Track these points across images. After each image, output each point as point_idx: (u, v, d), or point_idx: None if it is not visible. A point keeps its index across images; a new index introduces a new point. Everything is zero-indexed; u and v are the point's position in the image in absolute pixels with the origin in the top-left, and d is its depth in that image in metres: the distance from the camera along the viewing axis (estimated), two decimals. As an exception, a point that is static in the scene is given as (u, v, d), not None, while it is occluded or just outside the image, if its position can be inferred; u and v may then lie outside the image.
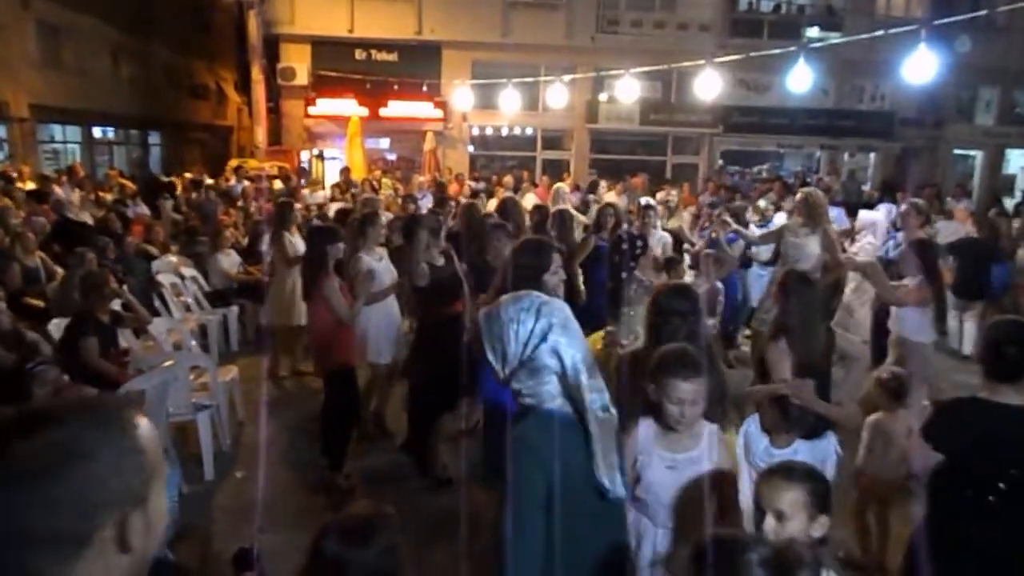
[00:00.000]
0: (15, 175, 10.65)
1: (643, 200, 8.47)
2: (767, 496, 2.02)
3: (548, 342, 1.83)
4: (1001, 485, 2.53)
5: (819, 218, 6.15)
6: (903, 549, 3.03)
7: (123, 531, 0.98)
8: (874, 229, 8.32)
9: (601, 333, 3.88)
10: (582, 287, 5.86)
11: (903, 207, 7.06)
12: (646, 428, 2.54)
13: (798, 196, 6.55)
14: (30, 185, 10.49)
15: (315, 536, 1.78)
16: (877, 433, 3.88)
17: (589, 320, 5.72)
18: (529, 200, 11.42)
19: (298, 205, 9.77)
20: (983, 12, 10.56)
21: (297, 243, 6.54)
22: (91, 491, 0.95)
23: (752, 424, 3.18)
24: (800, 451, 3.00)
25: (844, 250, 7.44)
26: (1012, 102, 19.13)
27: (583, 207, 10.77)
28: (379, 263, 5.25)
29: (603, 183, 10.76)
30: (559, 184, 10.41)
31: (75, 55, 16.21)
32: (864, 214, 8.90)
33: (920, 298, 4.82)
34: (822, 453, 3.04)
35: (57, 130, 16.67)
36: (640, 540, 2.54)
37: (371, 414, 5.51)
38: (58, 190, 10.14)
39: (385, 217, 7.14)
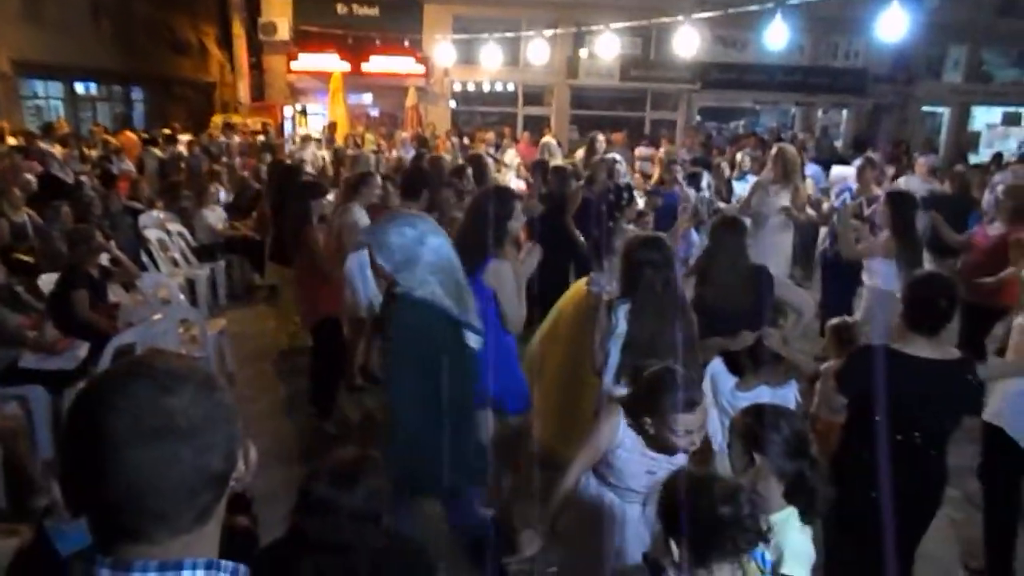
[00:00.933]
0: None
1: (610, 155, 8.62)
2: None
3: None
4: (898, 436, 2.56)
5: (792, 174, 6.27)
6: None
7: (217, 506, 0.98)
8: (847, 183, 8.63)
9: (585, 279, 4.03)
10: (580, 238, 5.99)
11: (857, 162, 7.36)
12: (626, 429, 2.43)
13: (773, 151, 6.61)
14: (13, 141, 10.61)
15: (304, 480, 1.84)
16: (828, 379, 3.99)
17: (581, 270, 6.09)
18: (510, 156, 11.73)
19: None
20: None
21: None
22: (196, 468, 0.92)
23: (719, 363, 3.23)
24: (763, 396, 3.10)
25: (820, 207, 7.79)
26: (979, 60, 19.44)
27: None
28: (364, 218, 5.37)
29: (601, 137, 10.80)
30: (547, 139, 10.52)
31: (56, 10, 16.10)
32: (837, 170, 9.25)
33: (885, 251, 4.84)
34: (782, 400, 3.16)
35: (39, 86, 16.65)
36: (622, 524, 2.53)
37: (359, 366, 5.72)
38: (45, 147, 10.31)
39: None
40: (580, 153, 11.91)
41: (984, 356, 3.93)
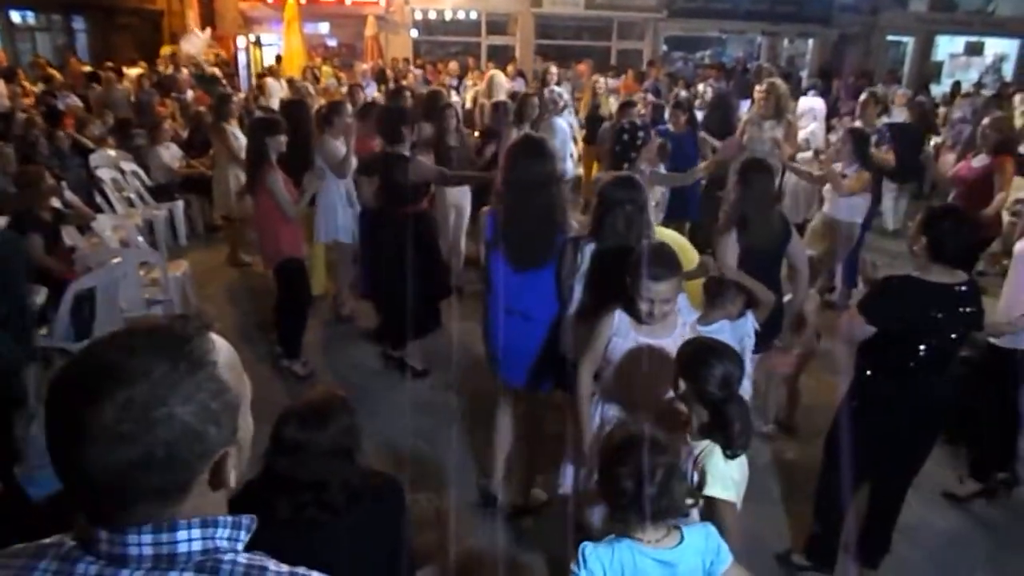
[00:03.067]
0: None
1: (549, 90, 8.43)
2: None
3: None
4: (922, 348, 2.80)
5: (784, 110, 6.23)
6: (826, 412, 3.33)
7: (219, 472, 0.94)
8: (814, 115, 8.66)
9: None
10: None
11: (863, 97, 7.27)
12: (621, 316, 2.62)
13: (763, 87, 6.47)
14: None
15: (275, 423, 1.86)
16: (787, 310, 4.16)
17: None
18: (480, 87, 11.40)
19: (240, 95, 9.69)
20: None
21: (239, 135, 6.47)
22: (184, 448, 0.88)
23: (681, 298, 3.31)
24: (724, 329, 3.22)
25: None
26: (944, -13, 19.41)
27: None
28: (339, 149, 5.32)
29: (554, 70, 10.62)
30: (494, 72, 10.27)
31: (-17, -70, 15.03)
32: (803, 100, 9.26)
33: (862, 186, 5.20)
34: (741, 331, 3.29)
35: (-29, 15, 15.67)
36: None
37: (332, 298, 5.79)
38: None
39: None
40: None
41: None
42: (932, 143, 9.42)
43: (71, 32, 19.39)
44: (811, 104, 8.89)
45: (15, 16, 16.99)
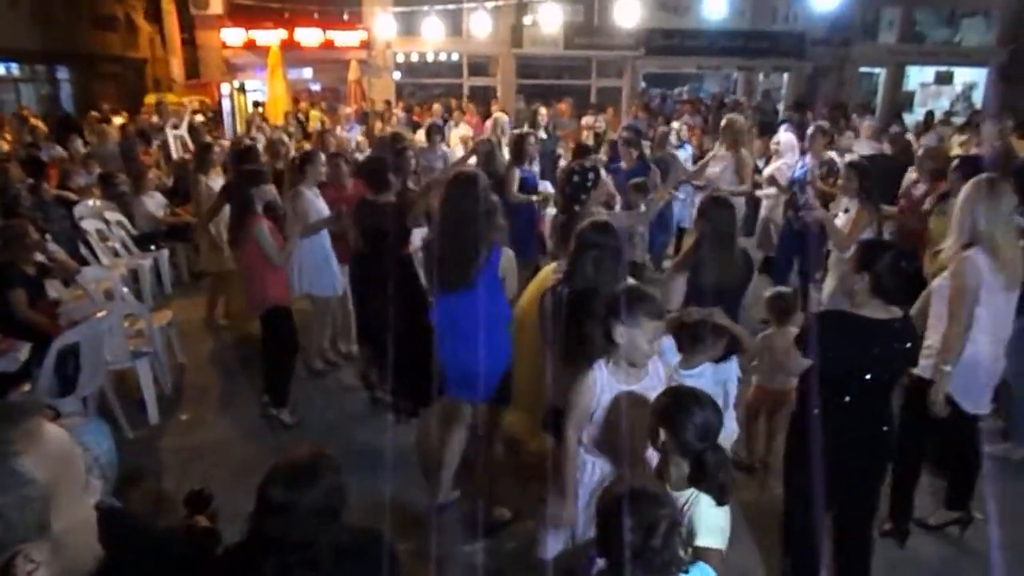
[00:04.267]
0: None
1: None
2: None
3: None
4: (858, 382, 2.77)
5: (740, 144, 6.43)
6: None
7: (15, 571, 0.89)
8: (788, 148, 8.73)
9: (553, 266, 3.98)
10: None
11: (809, 129, 7.49)
12: (601, 370, 2.58)
13: (722, 122, 6.70)
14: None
15: (261, 482, 1.83)
16: (764, 347, 4.11)
17: (522, 251, 6.11)
18: (463, 131, 11.59)
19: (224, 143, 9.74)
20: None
21: (216, 186, 6.42)
22: None
23: (667, 341, 3.24)
24: (706, 373, 3.21)
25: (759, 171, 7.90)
26: (912, 20, 19.97)
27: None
28: (317, 199, 5.38)
29: (543, 111, 10.73)
30: (499, 114, 10.35)
31: (-33, -14, 15.20)
32: (784, 136, 9.36)
33: (859, 230, 4.90)
34: (725, 375, 3.29)
35: (-45, 68, 15.77)
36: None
37: (317, 349, 5.73)
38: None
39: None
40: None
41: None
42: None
43: (55, 82, 19.53)
44: (780, 138, 8.98)
45: (-1, 68, 17.12)
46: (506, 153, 7.06)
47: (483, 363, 3.36)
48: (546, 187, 7.31)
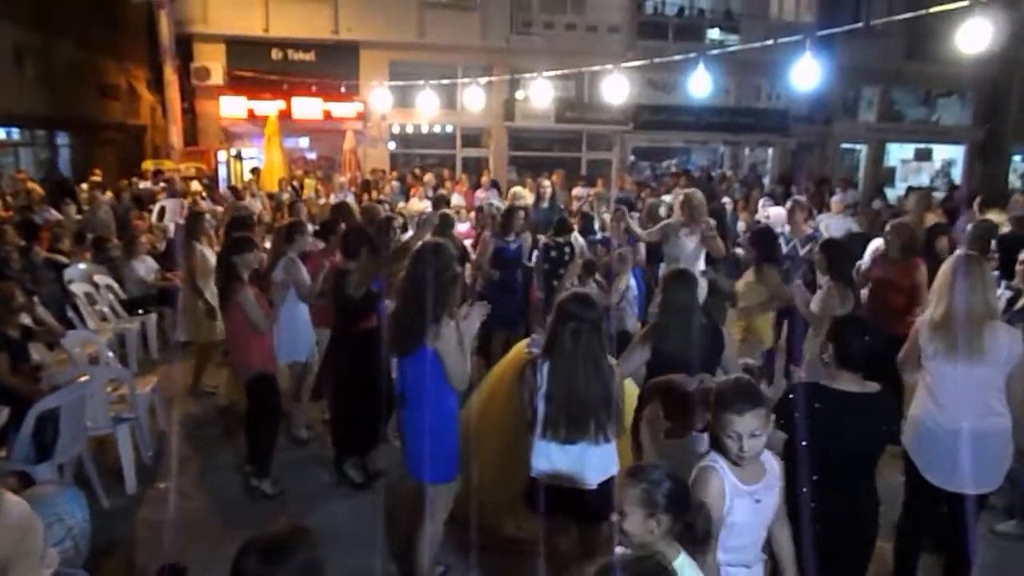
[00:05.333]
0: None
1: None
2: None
3: None
4: (833, 456, 2.78)
5: (698, 217, 6.46)
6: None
7: None
8: (780, 223, 8.77)
9: (526, 340, 4.08)
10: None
11: (788, 204, 7.63)
12: (723, 473, 2.45)
13: (680, 197, 6.82)
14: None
15: (236, 555, 1.83)
16: None
17: (503, 323, 6.10)
18: (455, 200, 11.76)
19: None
20: (860, 24, 11.57)
21: (209, 254, 6.46)
22: None
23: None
24: (695, 441, 3.23)
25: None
26: (890, 100, 20.74)
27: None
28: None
29: (546, 183, 10.70)
30: (516, 188, 10.22)
31: (-27, 54, 15.60)
32: (774, 210, 9.50)
33: (830, 306, 4.83)
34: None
35: (-44, 132, 16.02)
36: None
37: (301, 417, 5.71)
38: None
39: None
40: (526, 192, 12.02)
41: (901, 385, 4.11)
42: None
43: (55, 147, 19.82)
44: (770, 212, 9.19)
45: (0, 133, 17.40)
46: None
47: (428, 435, 3.33)
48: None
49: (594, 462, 3.08)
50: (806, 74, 7.83)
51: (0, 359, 4.56)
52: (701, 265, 6.52)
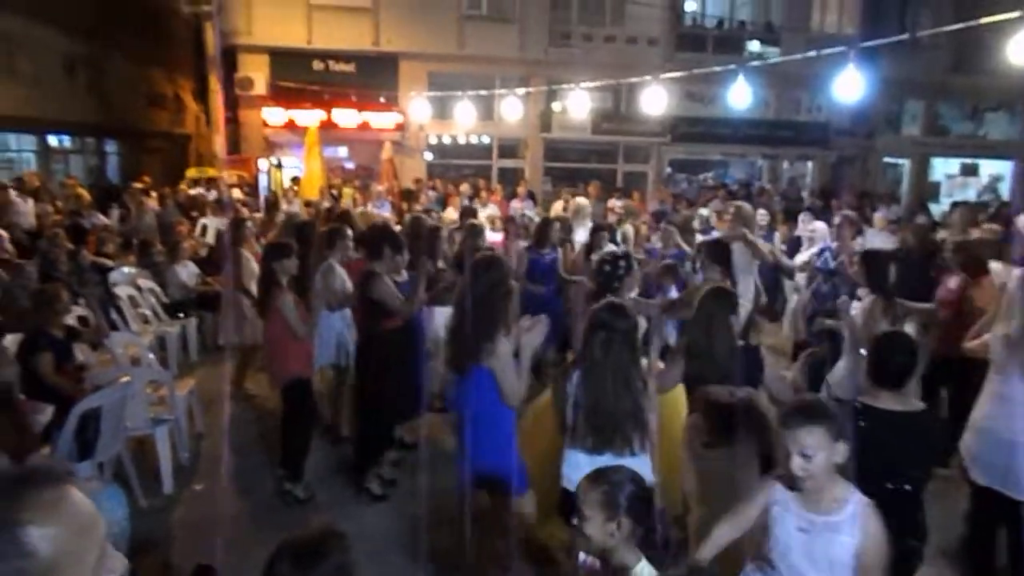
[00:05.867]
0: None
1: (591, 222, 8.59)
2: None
3: None
4: (888, 485, 2.69)
5: (751, 229, 6.44)
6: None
7: None
8: (818, 237, 8.55)
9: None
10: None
11: (836, 219, 7.45)
12: (777, 486, 2.43)
13: (731, 210, 6.81)
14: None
15: (269, 558, 1.83)
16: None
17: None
18: (491, 211, 11.80)
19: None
20: (906, 36, 11.37)
21: (252, 261, 6.58)
22: None
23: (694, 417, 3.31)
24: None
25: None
26: (936, 114, 20.28)
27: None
28: (344, 273, 5.47)
29: (584, 201, 10.62)
30: (580, 199, 10.08)
31: (29, 64, 16.17)
32: (818, 223, 9.29)
33: (873, 321, 4.79)
34: None
35: (12, 139, 16.62)
36: None
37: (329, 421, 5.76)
38: (16, 198, 10.26)
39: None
40: (559, 205, 12.05)
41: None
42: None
43: (103, 154, 20.44)
44: (815, 225, 8.92)
45: (52, 140, 17.98)
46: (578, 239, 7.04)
47: (486, 450, 3.32)
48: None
49: None
50: (849, 86, 7.72)
51: (44, 358, 4.66)
52: (751, 281, 6.41)
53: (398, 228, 6.44)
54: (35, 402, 4.51)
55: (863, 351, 4.50)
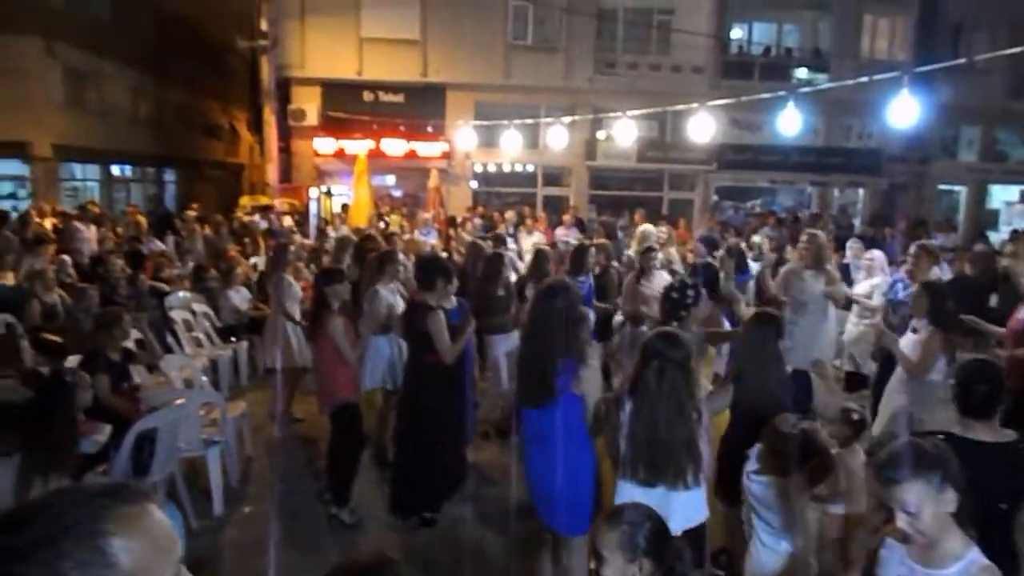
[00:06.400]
0: (35, 213, 11.17)
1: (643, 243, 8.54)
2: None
3: None
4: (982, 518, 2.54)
5: (823, 260, 6.28)
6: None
7: None
8: (878, 266, 8.28)
9: None
10: None
11: (913, 249, 7.14)
12: (892, 549, 2.18)
13: (804, 238, 6.58)
14: (49, 223, 11.01)
15: None
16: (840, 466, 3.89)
17: None
18: (536, 238, 11.84)
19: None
20: (963, 60, 11.10)
21: (296, 286, 6.73)
22: None
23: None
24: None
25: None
26: (993, 139, 19.72)
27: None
28: (393, 297, 5.57)
29: (651, 228, 10.58)
30: (647, 226, 10.13)
31: (97, 97, 16.98)
32: (876, 252, 8.95)
33: (931, 354, 4.61)
34: None
35: (78, 168, 17.38)
36: None
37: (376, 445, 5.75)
38: (79, 225, 10.70)
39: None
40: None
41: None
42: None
43: (162, 183, 21.24)
44: (874, 254, 8.57)
45: (115, 169, 18.76)
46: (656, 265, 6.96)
47: (561, 487, 3.24)
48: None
49: (678, 508, 2.94)
50: (903, 112, 7.54)
51: (102, 380, 4.78)
52: (832, 310, 6.28)
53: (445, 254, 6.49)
54: (94, 422, 4.64)
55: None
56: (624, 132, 12.73)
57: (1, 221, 9.83)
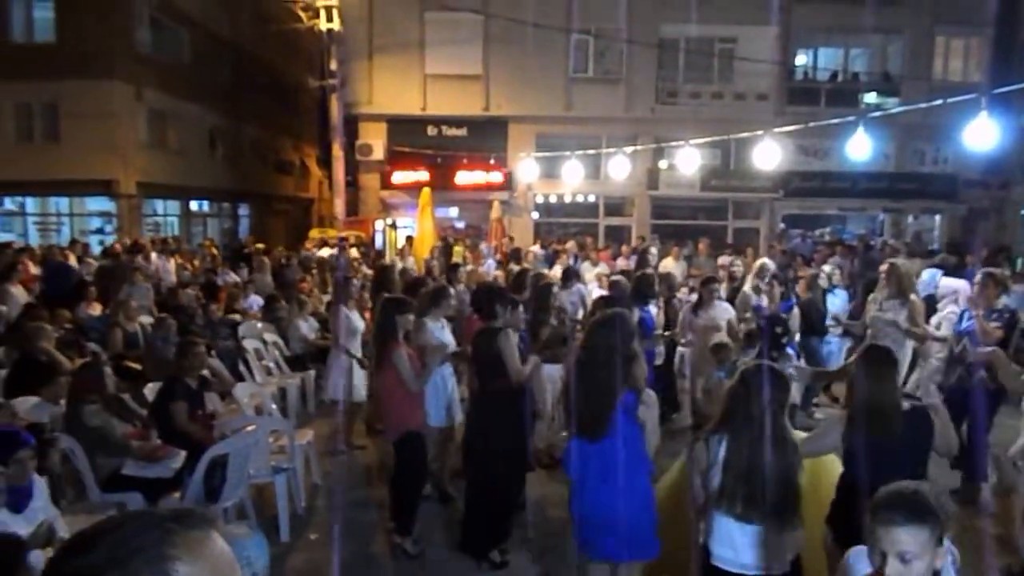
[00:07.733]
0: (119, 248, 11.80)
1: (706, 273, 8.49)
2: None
3: None
4: None
5: (907, 289, 6.13)
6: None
7: None
8: (956, 297, 7.95)
9: None
10: None
11: (977, 277, 6.85)
12: None
13: (885, 267, 6.46)
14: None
15: None
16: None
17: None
18: (600, 269, 11.76)
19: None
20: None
21: (355, 318, 6.84)
22: None
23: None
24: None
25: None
26: (1081, 163, 18.70)
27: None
28: (441, 331, 5.57)
29: (653, 249, 10.85)
30: (765, 260, 10.11)
31: (178, 137, 17.94)
32: (946, 281, 8.56)
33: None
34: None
35: (159, 204, 18.33)
36: None
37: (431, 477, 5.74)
38: (158, 259, 11.25)
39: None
40: (669, 261, 11.92)
41: None
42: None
43: (236, 217, 22.15)
44: (955, 285, 8.16)
45: (193, 204, 19.69)
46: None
47: (624, 516, 3.20)
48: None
49: (772, 550, 2.85)
50: (981, 135, 7.27)
51: (180, 407, 4.96)
52: (907, 342, 6.08)
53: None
54: (170, 447, 4.86)
55: None
56: (687, 161, 12.62)
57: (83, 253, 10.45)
